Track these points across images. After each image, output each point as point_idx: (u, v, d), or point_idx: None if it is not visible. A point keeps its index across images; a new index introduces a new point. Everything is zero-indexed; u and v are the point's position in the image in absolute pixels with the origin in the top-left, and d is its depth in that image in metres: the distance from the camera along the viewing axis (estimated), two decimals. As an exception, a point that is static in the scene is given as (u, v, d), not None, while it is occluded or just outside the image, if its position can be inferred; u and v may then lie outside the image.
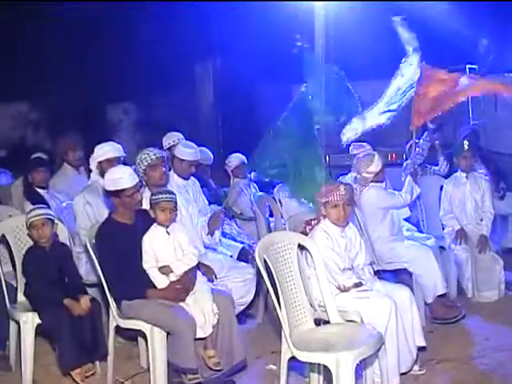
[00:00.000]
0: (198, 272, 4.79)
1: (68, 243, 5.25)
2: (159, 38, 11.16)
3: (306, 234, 4.74)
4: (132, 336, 5.18)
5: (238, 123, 11.44)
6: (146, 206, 4.85)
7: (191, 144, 6.01)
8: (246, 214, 7.15)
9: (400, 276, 6.18)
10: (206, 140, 6.43)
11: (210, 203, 6.21)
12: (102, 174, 5.73)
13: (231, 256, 5.85)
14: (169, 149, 6.40)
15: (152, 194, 4.74)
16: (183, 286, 4.62)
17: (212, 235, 5.56)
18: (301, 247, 4.57)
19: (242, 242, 6.28)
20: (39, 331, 4.89)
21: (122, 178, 4.69)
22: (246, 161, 7.27)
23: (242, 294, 5.42)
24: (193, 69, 12.79)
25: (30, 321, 4.80)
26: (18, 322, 4.96)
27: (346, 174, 7.23)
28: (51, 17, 11.80)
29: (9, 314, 5.07)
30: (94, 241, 4.74)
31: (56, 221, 5.00)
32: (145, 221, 4.73)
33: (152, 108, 12.90)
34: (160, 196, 4.66)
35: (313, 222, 4.80)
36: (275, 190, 6.69)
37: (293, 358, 4.12)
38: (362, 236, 5.07)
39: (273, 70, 10.87)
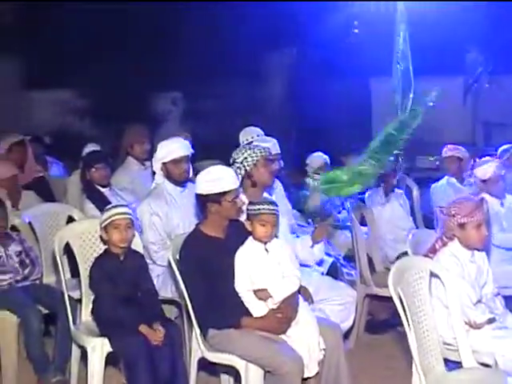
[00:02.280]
0: (299, 297, 4.02)
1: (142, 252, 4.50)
2: (224, 26, 10.51)
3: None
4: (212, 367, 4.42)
5: (313, 118, 10.65)
6: None
7: (268, 138, 5.43)
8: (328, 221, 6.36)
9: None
10: (275, 136, 5.71)
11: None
12: (168, 177, 5.06)
13: (322, 273, 5.09)
14: (245, 147, 5.70)
15: (250, 204, 3.96)
16: (285, 315, 3.85)
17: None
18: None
19: (329, 255, 5.50)
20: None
21: (224, 178, 3.94)
22: (328, 161, 6.60)
23: (341, 319, 4.60)
24: (264, 59, 12.06)
25: (99, 348, 4.04)
26: (81, 346, 4.25)
27: (437, 180, 6.46)
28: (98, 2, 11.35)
29: (72, 336, 4.35)
30: (177, 256, 4.01)
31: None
32: (238, 234, 3.96)
33: (217, 98, 12.20)
34: (261, 207, 3.86)
35: (437, 246, 4.03)
36: (366, 195, 5.91)
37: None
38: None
39: (351, 63, 10.12)
